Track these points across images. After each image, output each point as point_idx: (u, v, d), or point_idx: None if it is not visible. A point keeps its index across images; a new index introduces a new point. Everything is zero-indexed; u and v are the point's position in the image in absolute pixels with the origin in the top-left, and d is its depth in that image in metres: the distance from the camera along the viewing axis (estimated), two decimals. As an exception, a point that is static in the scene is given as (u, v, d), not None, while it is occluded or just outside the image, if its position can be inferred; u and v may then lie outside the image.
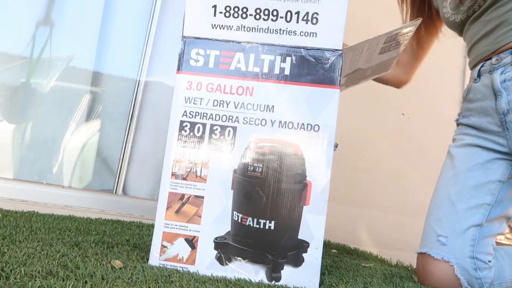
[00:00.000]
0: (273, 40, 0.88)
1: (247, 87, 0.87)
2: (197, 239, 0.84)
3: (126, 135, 1.74)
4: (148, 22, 1.77)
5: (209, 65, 0.88)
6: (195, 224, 0.84)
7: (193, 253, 0.83)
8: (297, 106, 0.86)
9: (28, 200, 1.49)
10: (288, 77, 0.87)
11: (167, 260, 0.84)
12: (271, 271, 0.82)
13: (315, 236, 0.82)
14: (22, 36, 1.63)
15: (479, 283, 1.01)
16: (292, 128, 0.86)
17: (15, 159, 1.61)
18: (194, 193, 0.85)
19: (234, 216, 0.84)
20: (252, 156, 0.85)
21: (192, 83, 0.88)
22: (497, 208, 1.04)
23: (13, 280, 0.60)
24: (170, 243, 0.84)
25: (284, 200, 0.84)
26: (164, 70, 1.82)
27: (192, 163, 0.86)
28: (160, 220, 0.85)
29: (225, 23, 0.88)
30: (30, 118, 1.64)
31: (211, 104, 0.87)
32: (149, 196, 1.77)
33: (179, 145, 0.87)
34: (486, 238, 1.03)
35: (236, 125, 0.86)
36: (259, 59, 0.88)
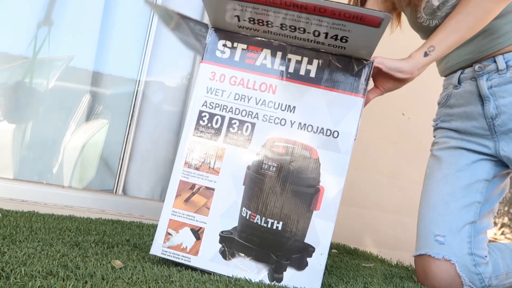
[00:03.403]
0: (302, 44, 0.87)
1: (270, 84, 0.86)
2: (203, 231, 0.83)
3: (126, 135, 1.74)
4: (148, 22, 1.77)
5: (235, 58, 0.87)
6: (203, 215, 0.83)
7: (197, 244, 0.83)
8: (319, 110, 0.85)
9: (28, 200, 1.49)
10: (313, 80, 0.86)
11: (171, 247, 0.83)
12: (273, 271, 0.81)
13: (321, 242, 0.82)
14: (22, 36, 1.63)
15: (479, 278, 1.03)
16: (311, 131, 0.84)
17: (15, 159, 1.61)
18: (205, 184, 0.84)
19: (242, 212, 0.83)
20: (268, 154, 0.84)
21: (216, 74, 0.87)
22: (486, 205, 1.09)
23: (13, 280, 0.60)
24: (175, 231, 0.83)
25: (295, 202, 0.83)
26: (164, 70, 1.82)
27: (207, 154, 0.85)
28: (168, 207, 0.84)
29: (253, 27, 0.86)
30: (30, 118, 1.64)
31: (232, 98, 0.86)
32: (149, 196, 1.77)
33: (195, 134, 0.86)
34: (480, 234, 1.07)
35: (255, 121, 0.85)
36: (286, 58, 0.87)
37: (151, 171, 1.79)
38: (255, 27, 0.85)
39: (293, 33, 0.84)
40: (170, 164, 1.81)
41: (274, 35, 0.86)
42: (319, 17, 0.77)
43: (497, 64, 1.05)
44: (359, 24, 0.76)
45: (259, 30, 0.86)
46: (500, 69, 1.05)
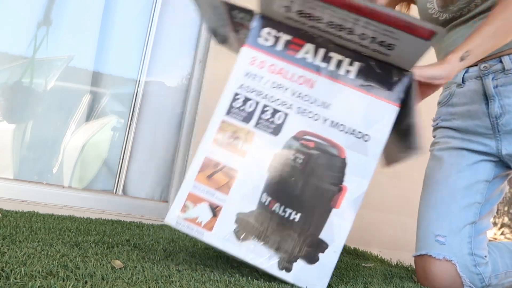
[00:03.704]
0: (347, 45, 0.87)
1: (309, 78, 0.86)
2: (220, 209, 0.83)
3: (126, 135, 1.74)
4: (148, 22, 1.77)
5: (277, 47, 0.87)
6: (223, 194, 0.83)
7: (213, 220, 0.82)
8: (353, 111, 0.85)
9: (28, 200, 1.49)
10: (352, 81, 0.86)
11: (186, 219, 0.83)
12: (283, 261, 0.81)
13: (336, 240, 0.82)
14: (22, 36, 1.63)
15: (479, 278, 1.03)
16: (342, 131, 0.85)
17: (15, 159, 1.61)
18: (230, 164, 0.84)
19: (262, 198, 0.83)
20: (297, 146, 0.84)
21: (256, 59, 0.87)
22: (486, 206, 1.09)
23: (13, 280, 0.60)
24: (193, 204, 0.83)
25: (315, 197, 0.83)
26: (164, 70, 1.82)
27: (236, 135, 0.85)
28: (190, 180, 0.84)
29: (300, 20, 0.85)
30: (30, 118, 1.64)
31: (269, 85, 0.86)
32: (149, 196, 1.77)
33: (228, 114, 0.86)
34: (480, 234, 1.08)
35: (288, 111, 0.85)
36: (328, 56, 0.87)
37: (151, 171, 1.79)
38: (302, 21, 0.85)
39: (339, 32, 0.84)
40: (170, 164, 1.81)
41: (319, 31, 0.86)
42: (370, 21, 0.77)
43: (503, 64, 1.07)
44: (410, 34, 0.76)
45: (306, 24, 0.86)
46: (507, 69, 1.06)
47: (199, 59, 1.81)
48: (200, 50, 1.81)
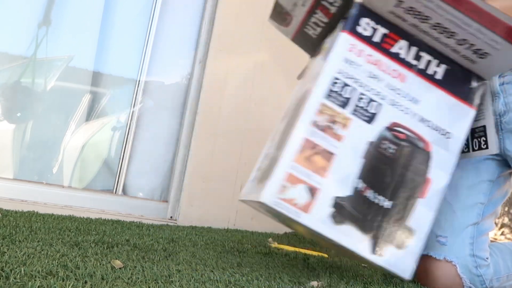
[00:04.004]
0: (438, 47, 0.91)
1: (401, 73, 0.90)
2: (317, 191, 0.84)
3: (126, 135, 1.74)
4: (148, 22, 1.77)
5: (374, 39, 0.89)
6: (320, 177, 0.84)
7: (309, 203, 0.83)
8: (439, 110, 0.91)
9: (28, 200, 1.49)
10: (439, 82, 0.92)
11: (283, 199, 0.83)
12: (375, 245, 0.86)
13: (421, 228, 0.88)
14: (22, 36, 1.63)
15: (480, 280, 1.02)
16: (429, 126, 0.90)
17: (15, 159, 1.61)
18: (327, 148, 0.85)
19: (357, 184, 0.86)
20: (390, 136, 0.88)
21: (355, 47, 0.88)
22: (489, 206, 1.08)
23: (13, 280, 0.60)
24: (291, 185, 0.83)
25: (405, 186, 0.88)
26: (164, 70, 1.82)
27: (334, 119, 0.86)
28: (288, 160, 0.84)
29: (403, 17, 0.88)
30: (30, 118, 1.64)
31: (366, 75, 0.88)
32: (149, 196, 1.77)
33: (327, 97, 0.87)
34: (482, 236, 1.06)
35: (382, 102, 0.88)
36: (419, 55, 0.91)
37: (151, 171, 1.79)
38: (406, 17, 0.87)
39: (439, 34, 0.87)
40: (170, 164, 1.81)
41: (417, 30, 0.89)
42: (482, 28, 0.81)
43: None
44: None
45: (407, 21, 0.88)
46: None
47: (199, 59, 1.81)
48: (200, 50, 1.81)
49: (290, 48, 1.98)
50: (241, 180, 1.81)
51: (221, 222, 1.75)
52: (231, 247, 1.21)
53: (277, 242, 1.47)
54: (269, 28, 1.94)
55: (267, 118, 1.85)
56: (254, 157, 1.85)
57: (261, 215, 1.83)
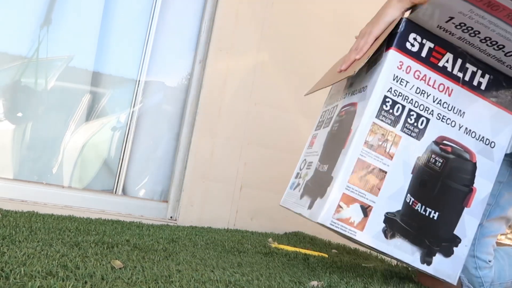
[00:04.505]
0: (482, 58, 0.93)
1: (447, 87, 0.92)
2: (370, 209, 0.88)
3: (126, 135, 1.74)
4: (148, 22, 1.77)
5: (422, 54, 0.91)
6: (373, 195, 0.88)
7: (364, 221, 0.87)
8: (483, 120, 0.94)
9: (28, 200, 1.49)
10: (483, 92, 0.94)
11: (339, 220, 0.87)
12: (425, 255, 0.91)
13: (467, 235, 0.93)
14: (22, 36, 1.63)
15: (479, 282, 1.01)
16: (474, 137, 0.94)
17: (15, 159, 1.61)
18: (380, 166, 0.88)
19: (407, 198, 0.90)
20: (437, 150, 0.91)
21: (403, 64, 0.90)
22: (496, 208, 1.04)
23: (13, 280, 0.60)
24: (346, 205, 0.87)
25: (451, 197, 0.92)
26: (164, 70, 1.82)
27: (385, 138, 0.89)
28: (343, 181, 0.87)
29: (452, 31, 0.89)
30: (30, 118, 1.64)
31: (414, 91, 0.91)
32: (149, 196, 1.77)
33: (378, 117, 0.89)
34: (486, 237, 1.03)
35: (430, 117, 0.91)
36: (464, 67, 0.93)
37: (151, 171, 1.79)
38: (455, 32, 0.89)
39: (487, 47, 0.89)
40: (170, 164, 1.81)
41: (464, 43, 0.91)
42: None
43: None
44: None
45: (455, 35, 0.89)
46: None
47: (199, 59, 1.81)
48: (200, 50, 1.81)
49: (290, 48, 1.98)
50: (241, 180, 1.81)
51: (221, 222, 1.75)
52: (231, 247, 1.21)
53: (277, 242, 1.47)
54: (269, 28, 1.94)
55: (267, 118, 1.86)
56: (254, 157, 1.86)
57: (261, 215, 1.84)
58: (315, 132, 1.15)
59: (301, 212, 0.96)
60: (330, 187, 0.87)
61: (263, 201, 1.80)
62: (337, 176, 0.87)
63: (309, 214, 0.91)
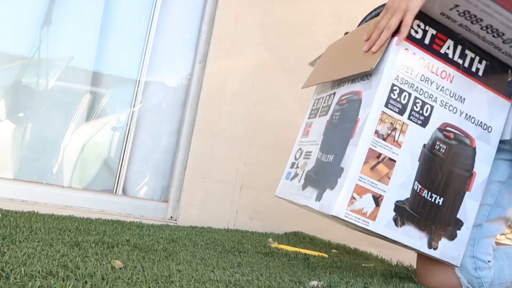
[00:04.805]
0: (480, 44, 0.94)
1: (449, 73, 0.93)
2: (382, 198, 0.88)
3: (126, 135, 1.74)
4: (148, 22, 1.77)
5: (425, 41, 0.91)
6: (384, 184, 0.89)
7: (376, 210, 0.88)
8: (481, 105, 0.96)
9: (28, 200, 1.49)
10: (480, 78, 0.96)
11: (353, 211, 0.87)
12: (432, 240, 0.93)
13: (468, 218, 0.96)
14: (22, 36, 1.63)
15: (478, 282, 1.01)
16: (473, 123, 0.96)
17: (15, 159, 1.61)
18: (389, 155, 0.89)
19: (415, 186, 0.91)
20: (441, 137, 0.93)
21: (408, 51, 0.90)
22: (496, 209, 1.04)
23: (13, 280, 0.60)
24: (359, 196, 0.87)
25: (454, 182, 0.94)
26: (164, 70, 1.82)
27: (393, 126, 0.89)
28: (355, 172, 0.87)
29: (454, 18, 0.89)
30: (30, 118, 1.64)
31: (419, 78, 0.91)
32: (149, 196, 1.77)
33: (387, 106, 0.89)
34: (486, 238, 1.03)
35: (434, 104, 0.92)
36: (464, 53, 0.94)
37: (151, 171, 1.79)
38: (458, 19, 0.89)
39: (487, 34, 0.90)
40: (170, 164, 1.81)
41: (464, 29, 0.91)
42: None
43: None
44: None
45: (457, 22, 0.90)
46: None
47: (199, 59, 1.81)
48: (200, 50, 1.81)
49: (290, 48, 1.98)
50: (241, 180, 1.81)
51: (221, 222, 1.75)
52: (231, 247, 1.21)
53: (277, 242, 1.47)
54: (269, 28, 1.94)
55: (267, 118, 1.86)
56: (254, 157, 1.86)
57: (261, 215, 1.84)
58: (309, 120, 1.14)
59: (307, 204, 0.95)
60: (342, 179, 0.87)
61: (263, 201, 1.80)
62: (349, 167, 0.87)
63: (320, 206, 0.90)
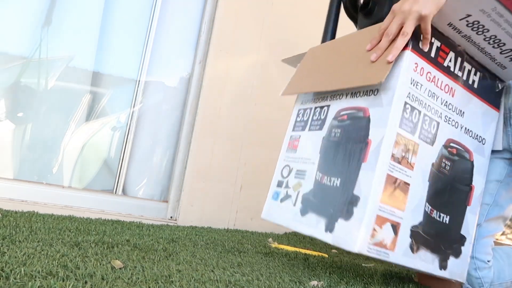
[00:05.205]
0: (476, 55, 0.91)
1: (451, 87, 0.90)
2: (399, 226, 0.82)
3: (126, 135, 1.74)
4: (148, 22, 1.77)
5: (431, 54, 0.86)
6: (400, 211, 0.82)
7: (395, 240, 0.81)
8: (476, 118, 0.93)
9: (28, 200, 1.49)
10: (476, 90, 0.93)
11: (375, 244, 0.79)
12: (441, 260, 0.89)
13: (470, 232, 0.93)
14: (22, 36, 1.63)
15: (478, 282, 1.01)
16: (471, 136, 0.93)
17: (15, 159, 1.61)
18: (404, 179, 0.82)
19: (426, 207, 0.86)
20: (445, 154, 0.89)
21: (418, 66, 0.84)
22: (495, 208, 1.04)
23: (13, 280, 0.60)
24: (379, 227, 0.79)
25: (457, 199, 0.92)
26: (164, 70, 1.82)
27: (406, 148, 0.83)
28: (375, 202, 0.78)
29: (460, 29, 0.85)
30: (30, 118, 1.64)
31: (427, 94, 0.86)
32: (149, 197, 1.77)
33: (401, 126, 0.82)
34: (485, 238, 1.03)
35: (439, 120, 0.88)
36: (462, 65, 0.91)
37: (151, 171, 1.79)
38: (464, 30, 0.85)
39: (487, 45, 0.88)
40: (170, 164, 1.81)
41: (466, 41, 0.88)
42: None
43: None
44: None
45: (462, 33, 0.86)
46: None
47: (199, 59, 1.81)
48: (200, 50, 1.81)
49: (290, 48, 1.98)
50: (241, 180, 1.81)
51: (221, 222, 1.75)
52: (231, 247, 1.21)
53: (277, 242, 1.47)
54: (269, 28, 1.94)
55: (267, 118, 1.86)
56: (254, 157, 1.86)
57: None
58: (295, 133, 1.06)
59: (313, 234, 0.86)
60: (361, 209, 0.78)
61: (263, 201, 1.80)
62: (368, 195, 0.78)
63: (334, 239, 0.81)
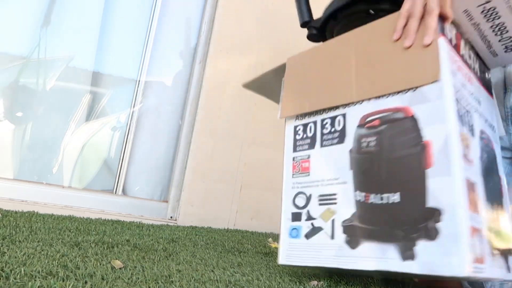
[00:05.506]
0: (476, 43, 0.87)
1: (469, 76, 0.83)
2: (479, 232, 0.69)
3: (126, 135, 1.74)
4: (148, 22, 1.77)
5: (452, 41, 0.79)
6: (479, 215, 0.71)
7: (483, 250, 0.70)
8: (486, 106, 0.89)
9: (28, 200, 1.49)
10: (478, 77, 0.89)
11: (476, 260, 0.67)
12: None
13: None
14: (22, 36, 1.63)
15: (479, 282, 1.01)
16: (489, 126, 0.88)
17: (15, 159, 1.61)
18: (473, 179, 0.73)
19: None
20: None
21: (450, 53, 0.77)
22: None
23: (13, 280, 0.60)
24: (473, 238, 0.68)
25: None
26: (164, 70, 1.82)
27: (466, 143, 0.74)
28: (465, 211, 0.67)
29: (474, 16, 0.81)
30: (30, 118, 1.64)
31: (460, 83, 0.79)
32: (149, 197, 1.77)
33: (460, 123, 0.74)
34: None
35: (471, 110, 0.80)
36: (469, 53, 0.87)
37: (151, 171, 1.79)
38: (476, 17, 0.82)
39: (491, 33, 0.85)
40: (170, 164, 1.81)
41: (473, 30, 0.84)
42: None
43: None
44: None
45: (473, 20, 0.82)
46: None
47: (199, 59, 1.81)
48: (200, 50, 1.81)
49: (290, 48, 1.98)
50: (241, 180, 1.81)
51: (221, 222, 1.75)
52: (231, 247, 1.21)
53: (277, 242, 1.47)
54: (268, 28, 1.94)
55: (267, 118, 1.86)
56: (254, 157, 1.86)
57: (261, 215, 1.84)
58: (300, 154, 0.95)
59: (383, 267, 0.73)
60: (448, 223, 0.66)
61: (263, 201, 1.80)
62: (454, 206, 0.66)
63: (422, 267, 0.68)
